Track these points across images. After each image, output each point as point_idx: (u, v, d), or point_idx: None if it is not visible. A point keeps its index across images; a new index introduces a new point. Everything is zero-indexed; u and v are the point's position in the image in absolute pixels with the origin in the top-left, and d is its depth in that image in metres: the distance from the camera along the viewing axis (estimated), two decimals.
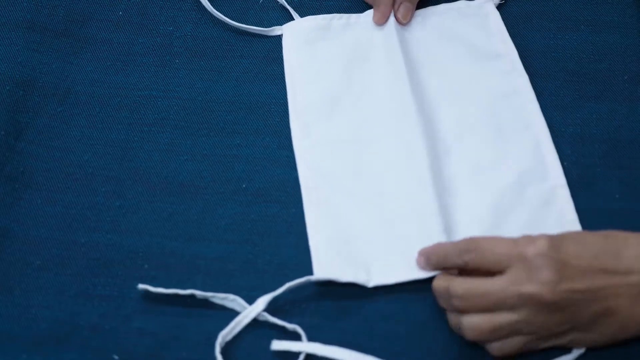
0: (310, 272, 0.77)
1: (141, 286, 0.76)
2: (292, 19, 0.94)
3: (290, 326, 0.74)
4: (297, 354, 0.73)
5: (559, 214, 0.79)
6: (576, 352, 0.73)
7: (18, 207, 0.82)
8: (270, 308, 0.75)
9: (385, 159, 0.83)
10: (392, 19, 0.91)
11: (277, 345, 0.73)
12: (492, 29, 0.91)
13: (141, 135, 0.86)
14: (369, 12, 0.93)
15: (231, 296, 0.76)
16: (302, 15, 0.94)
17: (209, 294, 0.76)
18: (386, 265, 0.77)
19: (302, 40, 0.92)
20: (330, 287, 0.77)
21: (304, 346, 0.73)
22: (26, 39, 0.92)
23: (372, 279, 0.77)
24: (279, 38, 0.93)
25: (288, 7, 0.94)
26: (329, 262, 0.77)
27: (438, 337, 0.74)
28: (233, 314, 0.75)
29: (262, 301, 0.75)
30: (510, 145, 0.84)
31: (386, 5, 0.91)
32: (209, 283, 0.77)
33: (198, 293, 0.76)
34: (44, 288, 0.77)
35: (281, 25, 0.93)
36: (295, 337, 0.74)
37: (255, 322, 0.75)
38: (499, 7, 0.93)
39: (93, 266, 0.79)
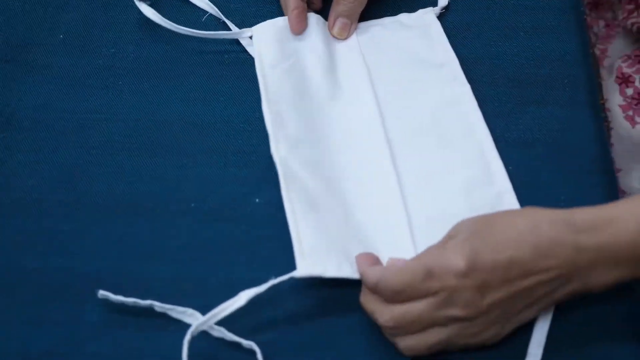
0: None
1: (102, 293, 0.75)
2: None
3: (246, 343, 0.74)
4: None
5: None
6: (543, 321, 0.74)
7: None
8: (223, 322, 0.74)
9: (356, 156, 0.84)
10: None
11: None
12: (434, 39, 0.92)
13: (88, 158, 0.86)
14: None
15: (189, 310, 0.75)
16: None
17: (167, 306, 0.75)
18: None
19: (272, 37, 0.92)
20: (283, 301, 0.77)
21: None
22: None
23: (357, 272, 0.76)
24: (222, 57, 0.93)
25: (230, 24, 0.94)
26: (312, 256, 0.76)
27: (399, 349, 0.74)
28: None
29: (245, 296, 0.73)
30: (455, 152, 0.85)
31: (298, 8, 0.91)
32: (163, 303, 0.77)
33: (157, 305, 0.75)
34: None
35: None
36: (251, 353, 0.74)
37: (209, 338, 0.74)
38: (440, 17, 0.94)
39: (44, 292, 0.78)
